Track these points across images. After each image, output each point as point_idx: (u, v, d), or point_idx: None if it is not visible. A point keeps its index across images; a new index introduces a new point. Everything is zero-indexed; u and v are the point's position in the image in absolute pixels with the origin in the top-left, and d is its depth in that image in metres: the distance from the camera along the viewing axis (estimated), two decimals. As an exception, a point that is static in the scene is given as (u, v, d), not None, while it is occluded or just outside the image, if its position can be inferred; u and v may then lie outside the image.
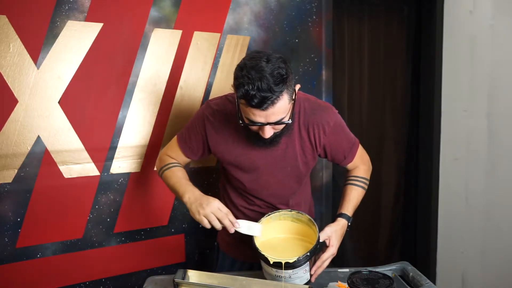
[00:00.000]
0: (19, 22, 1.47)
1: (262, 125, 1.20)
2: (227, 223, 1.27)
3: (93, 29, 1.60)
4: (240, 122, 1.24)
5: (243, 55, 1.89)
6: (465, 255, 2.47)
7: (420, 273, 1.38)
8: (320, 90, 2.11)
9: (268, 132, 1.23)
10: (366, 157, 1.56)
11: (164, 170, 1.47)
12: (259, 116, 1.17)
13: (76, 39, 1.57)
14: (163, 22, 1.72)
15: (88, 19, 1.58)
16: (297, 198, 1.52)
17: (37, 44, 1.51)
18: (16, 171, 1.53)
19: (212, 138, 1.41)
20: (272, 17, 1.93)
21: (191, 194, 1.32)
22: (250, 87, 1.12)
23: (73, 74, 1.58)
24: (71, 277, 1.68)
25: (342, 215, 1.41)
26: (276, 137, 1.29)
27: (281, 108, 1.17)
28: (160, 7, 1.71)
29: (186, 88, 1.80)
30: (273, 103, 1.14)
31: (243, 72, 1.15)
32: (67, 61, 1.57)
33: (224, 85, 1.87)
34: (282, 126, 1.26)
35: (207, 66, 1.84)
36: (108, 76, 1.65)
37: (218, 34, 1.84)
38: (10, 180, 1.53)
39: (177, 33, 1.75)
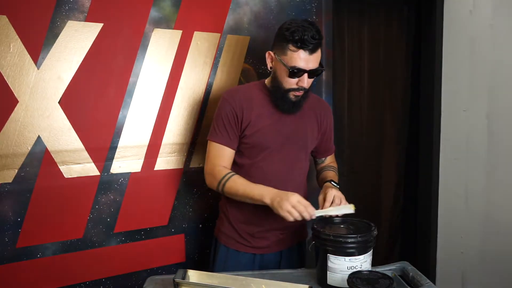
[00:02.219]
0: (19, 22, 1.47)
1: (305, 72, 1.41)
2: (306, 216, 1.35)
3: (93, 29, 1.60)
4: (289, 68, 1.41)
5: (243, 55, 1.90)
6: (465, 255, 2.47)
7: (420, 273, 1.37)
8: (320, 90, 2.11)
9: (307, 81, 1.43)
10: (335, 159, 1.80)
11: (224, 182, 1.49)
12: (305, 61, 1.40)
13: (76, 39, 1.57)
14: (163, 22, 1.72)
15: (88, 19, 1.58)
16: (302, 180, 1.65)
17: (37, 44, 1.51)
18: (16, 171, 1.53)
19: (240, 114, 1.52)
20: (272, 17, 1.93)
21: (268, 193, 1.41)
22: (305, 32, 1.36)
23: (73, 74, 1.58)
24: (71, 277, 1.68)
25: (330, 181, 1.58)
26: (300, 100, 1.50)
27: (319, 58, 1.44)
28: (160, 7, 1.71)
29: (186, 88, 1.80)
30: (318, 46, 1.41)
31: (292, 25, 1.39)
32: (67, 61, 1.57)
33: (224, 85, 1.87)
34: (311, 83, 1.47)
35: (207, 66, 1.84)
36: (108, 76, 1.65)
37: (218, 34, 1.85)
38: (10, 180, 1.53)
39: (177, 33, 1.75)
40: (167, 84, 1.76)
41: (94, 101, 1.64)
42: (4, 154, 1.51)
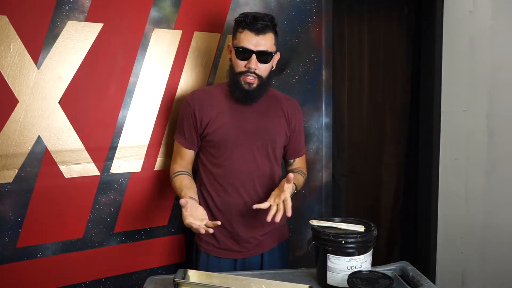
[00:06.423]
0: (20, 22, 1.48)
1: (252, 53, 1.44)
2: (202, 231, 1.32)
3: (93, 29, 1.60)
4: (236, 48, 1.46)
5: (243, 55, 1.90)
6: (465, 255, 2.47)
7: (420, 273, 1.38)
8: (320, 90, 2.11)
9: (254, 62, 1.45)
10: (306, 166, 1.78)
11: (171, 179, 1.59)
12: (251, 42, 1.43)
13: (77, 39, 1.57)
14: (163, 22, 1.72)
15: (88, 19, 1.58)
16: (273, 177, 1.61)
17: (38, 44, 1.51)
18: (16, 171, 1.53)
19: (198, 115, 1.54)
20: (272, 17, 1.93)
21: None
22: (252, 14, 1.44)
23: (74, 74, 1.58)
24: (71, 277, 1.68)
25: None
26: (255, 91, 1.49)
27: (269, 41, 1.46)
28: (160, 7, 1.71)
29: (186, 88, 1.80)
30: (266, 29, 1.44)
31: (244, 13, 1.48)
32: (67, 61, 1.57)
33: (224, 85, 1.87)
34: (264, 70, 1.48)
35: (207, 66, 1.84)
36: (108, 76, 1.65)
37: (218, 34, 1.85)
38: (10, 180, 1.53)
39: (177, 33, 1.75)
40: (167, 84, 1.76)
41: (94, 101, 1.64)
42: (4, 154, 1.51)
